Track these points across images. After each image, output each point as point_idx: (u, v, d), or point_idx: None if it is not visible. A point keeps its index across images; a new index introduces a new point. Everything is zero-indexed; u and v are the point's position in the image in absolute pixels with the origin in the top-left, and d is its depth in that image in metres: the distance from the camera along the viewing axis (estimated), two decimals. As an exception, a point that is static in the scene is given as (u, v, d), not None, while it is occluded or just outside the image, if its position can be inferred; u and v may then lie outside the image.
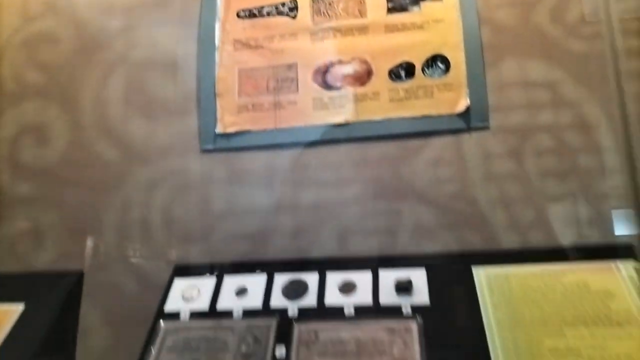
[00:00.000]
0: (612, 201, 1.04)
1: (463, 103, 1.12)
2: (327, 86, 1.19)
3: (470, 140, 1.12)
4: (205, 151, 1.20)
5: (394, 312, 0.82)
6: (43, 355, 0.84)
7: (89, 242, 1.13)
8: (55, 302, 0.90)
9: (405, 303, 0.82)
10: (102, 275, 1.15)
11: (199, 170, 1.20)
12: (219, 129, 1.20)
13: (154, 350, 0.81)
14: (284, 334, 0.82)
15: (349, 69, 1.19)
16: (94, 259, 1.16)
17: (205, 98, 1.22)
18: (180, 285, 0.95)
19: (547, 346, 0.70)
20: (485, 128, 1.12)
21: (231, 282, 0.94)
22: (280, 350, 0.78)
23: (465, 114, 1.12)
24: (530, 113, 1.12)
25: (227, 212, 1.17)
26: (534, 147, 1.10)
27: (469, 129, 1.12)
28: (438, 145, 1.13)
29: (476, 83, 1.14)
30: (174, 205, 1.19)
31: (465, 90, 1.13)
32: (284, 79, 1.21)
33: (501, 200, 1.09)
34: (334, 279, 0.90)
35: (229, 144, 1.20)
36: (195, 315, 0.90)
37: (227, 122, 1.20)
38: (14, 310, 0.87)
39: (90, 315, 1.10)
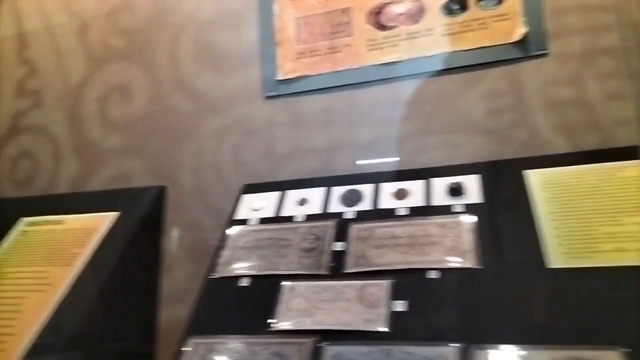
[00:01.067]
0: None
1: (519, 31, 1.12)
2: (380, 27, 1.23)
3: (528, 69, 1.12)
4: (268, 97, 1.29)
5: (446, 211, 0.86)
6: (136, 248, 0.98)
7: (174, 233, 1.25)
8: (144, 208, 1.04)
9: (457, 203, 0.86)
10: (182, 214, 1.28)
11: (263, 116, 1.29)
12: (279, 76, 1.28)
13: (227, 250, 0.91)
14: (341, 233, 0.89)
15: (401, 8, 1.22)
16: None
17: (266, 48, 1.30)
18: (248, 199, 1.06)
19: (603, 232, 0.70)
20: (544, 55, 1.10)
21: (293, 194, 1.03)
22: (339, 245, 0.85)
23: (522, 42, 1.11)
24: (591, 37, 1.09)
25: (290, 153, 1.25)
26: (596, 72, 1.08)
27: (526, 57, 1.11)
28: (495, 75, 1.13)
29: (533, 10, 1.12)
30: (242, 149, 1.29)
31: (521, 19, 1.12)
32: (338, 23, 1.26)
33: (562, 126, 1.07)
34: (388, 187, 0.96)
35: (290, 89, 1.28)
36: (262, 221, 0.99)
37: (287, 69, 1.28)
38: (112, 215, 1.02)
39: (172, 250, 1.24)
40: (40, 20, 1.53)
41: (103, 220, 1.00)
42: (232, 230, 0.97)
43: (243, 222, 1.00)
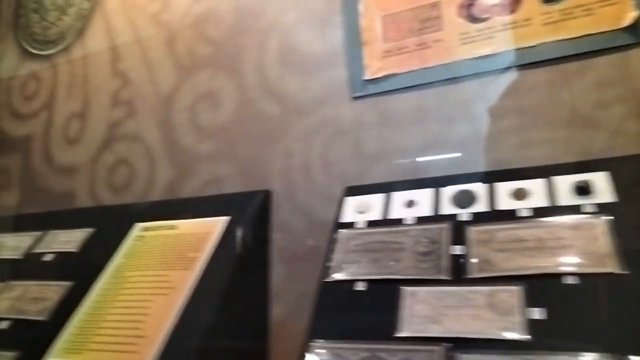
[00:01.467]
0: None
1: (630, 15, 1.04)
2: (473, 19, 1.18)
3: (641, 55, 1.04)
4: (355, 98, 1.28)
5: (574, 211, 0.81)
6: (248, 252, 1.01)
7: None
8: (252, 213, 1.06)
9: (586, 202, 0.81)
10: (273, 217, 1.30)
11: (351, 116, 1.28)
12: (366, 76, 1.27)
13: (338, 253, 0.91)
14: (458, 236, 0.86)
15: (495, -1, 1.17)
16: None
17: (352, 48, 1.30)
18: (352, 201, 1.05)
19: None
20: (660, 39, 1.02)
21: (399, 196, 1.01)
22: (457, 249, 0.82)
23: (634, 27, 1.03)
24: None
25: (381, 153, 1.23)
26: None
27: (639, 43, 1.04)
28: (602, 64, 1.06)
29: (645, -9, 1.04)
30: (330, 151, 1.29)
31: (631, 2, 1.04)
32: (427, 18, 1.23)
33: (685, 115, 0.99)
34: (504, 187, 0.91)
35: (377, 89, 1.26)
36: (370, 224, 0.98)
37: (374, 68, 1.27)
38: (223, 220, 1.05)
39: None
40: (130, 33, 1.61)
41: (215, 225, 1.04)
42: (341, 234, 0.97)
43: (349, 225, 0.99)
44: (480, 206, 0.90)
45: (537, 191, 0.88)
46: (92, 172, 1.59)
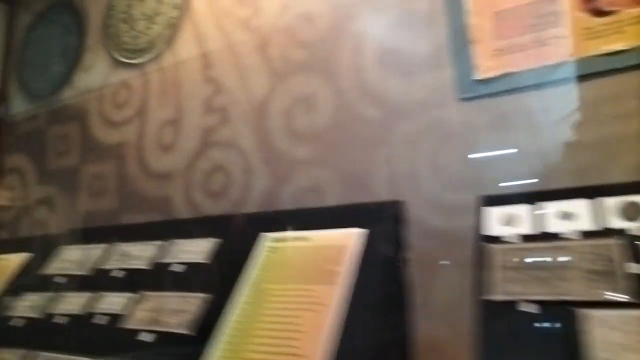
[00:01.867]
0: None
1: None
2: (597, 13, 1.10)
3: None
4: (463, 99, 1.22)
5: None
6: (389, 265, 0.98)
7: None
8: (388, 224, 1.03)
9: None
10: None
11: (460, 119, 1.23)
12: (477, 76, 1.21)
13: (494, 270, 0.86)
14: (634, 253, 0.79)
15: (624, -11, 1.08)
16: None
17: (459, 47, 1.24)
18: (492, 212, 0.99)
19: None
20: None
21: (549, 207, 0.94)
22: (635, 268, 0.76)
23: None
24: None
25: (497, 158, 1.18)
26: None
27: None
28: None
29: None
30: (439, 155, 1.24)
31: None
32: (545, 14, 1.16)
33: None
34: None
35: (489, 90, 1.20)
36: (523, 238, 0.91)
37: (485, 67, 1.21)
38: (358, 231, 1.01)
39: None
40: (221, 39, 1.61)
41: (350, 237, 1.00)
42: (492, 249, 0.91)
43: (496, 239, 0.93)
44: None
45: None
46: (188, 178, 1.62)
